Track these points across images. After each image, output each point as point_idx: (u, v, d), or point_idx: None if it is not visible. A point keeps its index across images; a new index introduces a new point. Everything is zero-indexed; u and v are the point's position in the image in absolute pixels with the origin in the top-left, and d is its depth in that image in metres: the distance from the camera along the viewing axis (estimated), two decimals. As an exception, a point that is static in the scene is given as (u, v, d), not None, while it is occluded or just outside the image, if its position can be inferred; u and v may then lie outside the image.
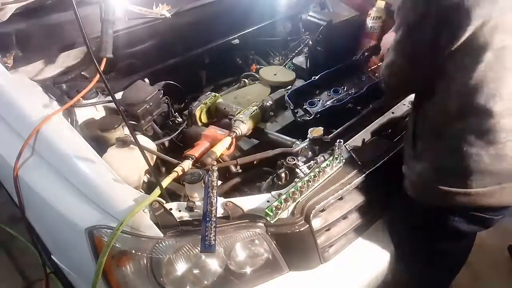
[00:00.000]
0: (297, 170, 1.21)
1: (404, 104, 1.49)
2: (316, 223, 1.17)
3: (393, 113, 1.46)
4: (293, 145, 1.33)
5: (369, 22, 1.85)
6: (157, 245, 1.01)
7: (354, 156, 1.26)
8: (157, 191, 1.03)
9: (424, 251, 1.29)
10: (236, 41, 1.93)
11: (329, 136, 1.34)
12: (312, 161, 1.24)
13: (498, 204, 1.10)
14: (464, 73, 0.99)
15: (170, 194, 1.15)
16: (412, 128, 1.18)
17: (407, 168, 1.19)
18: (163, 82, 1.61)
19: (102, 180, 1.07)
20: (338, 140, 1.21)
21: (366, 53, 1.75)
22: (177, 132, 1.51)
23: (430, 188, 1.13)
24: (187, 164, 1.17)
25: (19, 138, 1.20)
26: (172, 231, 1.03)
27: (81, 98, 1.39)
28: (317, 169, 1.18)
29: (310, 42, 1.82)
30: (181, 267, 1.07)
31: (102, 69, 1.32)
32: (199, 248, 0.98)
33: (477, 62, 0.97)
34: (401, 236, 1.33)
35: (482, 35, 0.95)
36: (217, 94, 1.61)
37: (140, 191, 1.12)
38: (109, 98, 1.47)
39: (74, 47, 1.53)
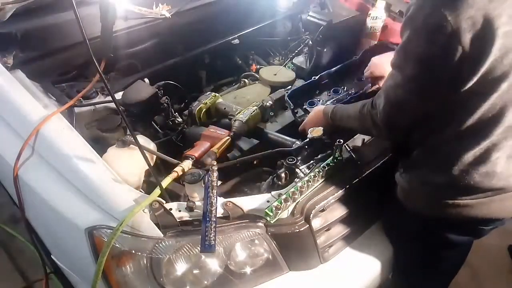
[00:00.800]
0: (297, 170, 1.21)
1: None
2: (316, 223, 1.17)
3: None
4: (293, 145, 1.33)
5: (369, 22, 1.85)
6: (157, 245, 1.01)
7: (354, 156, 1.26)
8: (157, 191, 1.03)
9: (419, 256, 1.29)
10: (236, 41, 1.93)
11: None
12: (312, 161, 1.24)
13: (486, 216, 1.10)
14: (476, 103, 0.97)
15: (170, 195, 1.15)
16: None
17: (399, 176, 1.19)
18: (163, 82, 1.61)
19: (102, 180, 1.07)
20: (338, 140, 1.21)
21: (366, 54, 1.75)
22: (177, 132, 1.51)
23: (419, 198, 1.15)
24: (187, 164, 1.17)
25: (19, 138, 1.20)
26: (172, 231, 1.03)
27: (81, 98, 1.39)
28: (317, 169, 1.18)
29: (310, 42, 1.82)
30: (181, 267, 1.07)
31: (102, 69, 1.33)
32: (199, 248, 0.98)
33: (492, 92, 0.95)
34: (396, 240, 1.34)
35: (502, 66, 0.92)
36: (217, 94, 1.61)
37: (140, 191, 1.12)
38: (109, 98, 1.47)
39: (74, 47, 1.53)
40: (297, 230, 1.11)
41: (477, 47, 0.89)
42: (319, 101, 1.60)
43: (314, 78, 1.64)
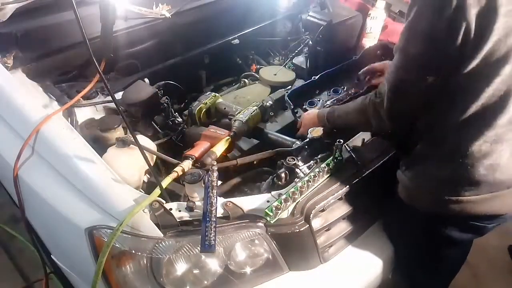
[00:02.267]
0: (297, 170, 1.21)
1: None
2: (316, 223, 1.17)
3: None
4: (293, 145, 1.33)
5: (369, 22, 1.85)
6: (157, 245, 1.01)
7: (354, 156, 1.26)
8: (157, 191, 1.03)
9: (420, 255, 1.29)
10: (236, 41, 1.93)
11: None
12: (312, 161, 1.24)
13: (489, 213, 1.10)
14: (479, 86, 0.96)
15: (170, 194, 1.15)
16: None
17: (402, 173, 1.18)
18: (163, 82, 1.61)
19: (102, 180, 1.07)
20: (338, 140, 1.21)
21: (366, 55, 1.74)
22: (177, 132, 1.51)
23: (422, 195, 1.14)
24: (187, 164, 1.17)
25: (19, 138, 1.20)
26: (172, 231, 1.03)
27: (81, 98, 1.39)
28: (317, 169, 1.18)
29: (310, 42, 1.82)
30: (181, 267, 1.07)
31: (102, 69, 1.33)
32: (199, 248, 0.98)
33: (495, 75, 0.94)
34: (397, 239, 1.34)
35: (505, 47, 0.91)
36: (217, 94, 1.61)
37: (140, 191, 1.12)
38: (109, 98, 1.47)
39: (74, 47, 1.53)
40: (297, 230, 1.11)
41: (481, 24, 0.89)
42: (319, 101, 1.60)
43: (314, 78, 1.64)
